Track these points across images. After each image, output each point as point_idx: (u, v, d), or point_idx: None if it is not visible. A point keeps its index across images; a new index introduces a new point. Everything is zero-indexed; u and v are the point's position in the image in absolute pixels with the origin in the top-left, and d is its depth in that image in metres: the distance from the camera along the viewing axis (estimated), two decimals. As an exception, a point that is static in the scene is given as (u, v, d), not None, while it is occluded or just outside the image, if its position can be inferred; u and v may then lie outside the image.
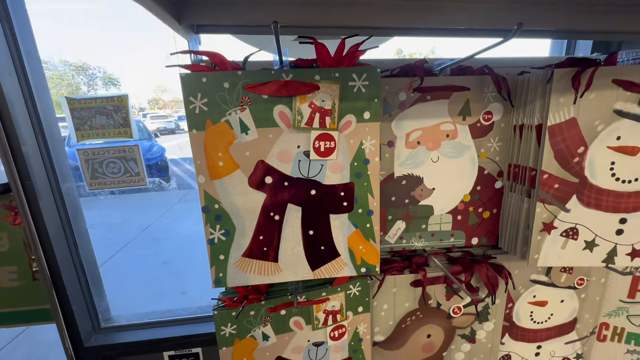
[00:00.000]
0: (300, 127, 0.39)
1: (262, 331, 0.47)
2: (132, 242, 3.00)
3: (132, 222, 3.40)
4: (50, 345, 1.72)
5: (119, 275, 2.32)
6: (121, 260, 2.62)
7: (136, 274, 2.32)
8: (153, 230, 3.22)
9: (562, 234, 0.47)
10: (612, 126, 0.43)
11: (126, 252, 2.78)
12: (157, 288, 2.11)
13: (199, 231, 3.07)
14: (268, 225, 0.42)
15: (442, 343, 0.56)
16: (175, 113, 12.57)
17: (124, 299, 1.96)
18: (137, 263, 2.55)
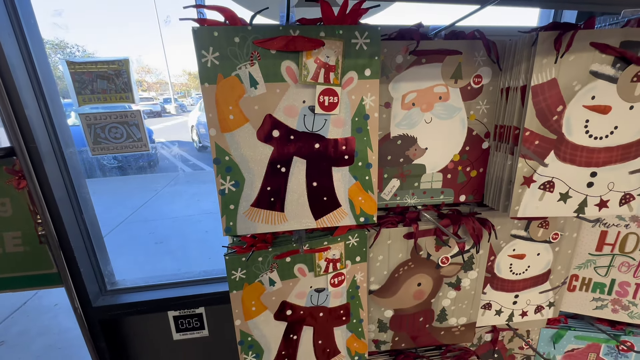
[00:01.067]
0: (306, 81, 0.41)
1: (269, 277, 0.51)
2: (123, 223, 2.99)
3: (121, 204, 3.37)
4: (57, 309, 1.78)
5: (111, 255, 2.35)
6: (112, 241, 2.62)
7: (130, 254, 2.34)
8: (144, 212, 3.20)
9: (540, 187, 0.52)
10: (588, 86, 0.47)
11: (117, 234, 2.78)
12: (153, 267, 2.14)
13: (190, 213, 3.08)
14: (275, 177, 0.46)
15: (430, 291, 0.62)
16: (160, 96, 12.18)
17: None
18: (129, 243, 2.56)
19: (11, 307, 1.89)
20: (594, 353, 0.76)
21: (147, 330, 0.86)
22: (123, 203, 3.39)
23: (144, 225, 2.90)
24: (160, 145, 5.35)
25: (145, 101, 9.40)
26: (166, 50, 10.59)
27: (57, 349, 1.52)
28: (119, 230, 2.84)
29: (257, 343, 0.54)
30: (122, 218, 3.06)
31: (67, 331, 1.64)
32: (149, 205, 3.38)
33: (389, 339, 0.65)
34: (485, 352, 0.76)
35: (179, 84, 12.58)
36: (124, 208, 3.26)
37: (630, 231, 0.65)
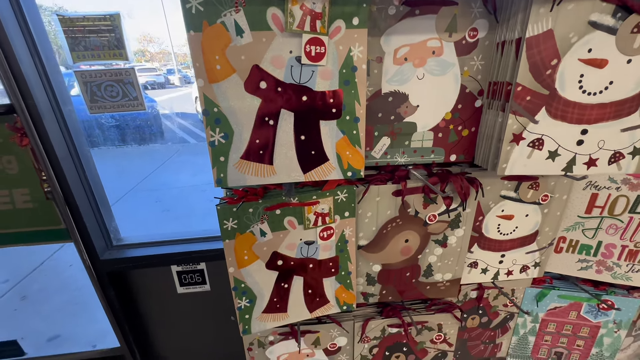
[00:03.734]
0: (292, 29, 0.41)
1: (259, 228, 0.53)
2: (131, 192, 3.07)
3: (128, 174, 3.45)
4: (72, 269, 1.91)
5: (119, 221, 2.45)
6: (120, 208, 2.71)
7: (137, 220, 2.42)
8: (150, 182, 3.27)
9: (529, 145, 0.52)
10: (585, 38, 0.46)
11: (124, 202, 2.87)
12: (159, 232, 2.23)
13: (195, 183, 3.14)
14: (263, 129, 0.47)
15: (418, 247, 0.64)
16: (164, 66, 11.91)
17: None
18: (136, 210, 2.64)
19: (30, 267, 2.01)
20: (575, 311, 0.79)
21: (152, 283, 0.92)
22: (130, 173, 3.46)
23: (151, 194, 2.98)
24: (165, 117, 5.34)
25: (148, 72, 9.23)
26: (169, 19, 10.19)
27: (74, 304, 1.63)
28: (126, 198, 2.93)
29: (250, 290, 0.58)
30: (129, 187, 3.14)
31: (83, 288, 1.76)
32: (155, 175, 3.44)
33: (377, 292, 0.68)
34: (470, 309, 0.80)
35: (182, 54, 12.25)
36: (131, 178, 3.34)
37: (620, 193, 0.66)
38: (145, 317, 0.99)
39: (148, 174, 3.44)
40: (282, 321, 0.63)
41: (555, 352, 0.86)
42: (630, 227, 0.68)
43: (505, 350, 0.89)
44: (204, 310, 0.98)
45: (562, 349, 0.85)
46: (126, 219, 2.19)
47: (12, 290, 1.82)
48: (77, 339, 1.35)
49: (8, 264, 2.07)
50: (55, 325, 1.48)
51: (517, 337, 0.86)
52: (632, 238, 0.69)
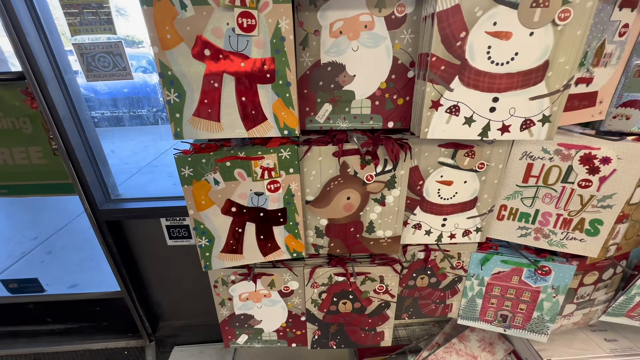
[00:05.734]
0: (225, 4, 0.49)
1: (213, 177, 0.63)
2: (147, 166, 3.28)
3: (144, 151, 3.66)
4: (91, 230, 2.15)
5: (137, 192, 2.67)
6: (135, 182, 2.92)
7: (151, 191, 2.62)
8: (164, 159, 3.48)
9: (446, 111, 0.58)
10: (489, 12, 0.51)
11: (141, 175, 3.08)
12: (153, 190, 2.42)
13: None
14: (210, 91, 0.56)
15: (359, 204, 0.72)
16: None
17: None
18: (152, 183, 2.85)
19: (57, 226, 2.27)
20: (517, 276, 0.85)
21: (145, 233, 1.06)
22: (146, 150, 3.69)
23: (165, 169, 3.18)
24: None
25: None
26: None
27: (90, 260, 1.84)
28: (142, 172, 3.15)
29: (209, 231, 0.69)
30: (145, 163, 3.37)
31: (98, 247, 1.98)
32: (169, 153, 3.64)
33: (325, 245, 0.78)
34: (419, 269, 0.88)
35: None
36: (147, 154, 3.56)
37: (553, 164, 0.70)
38: (141, 265, 1.13)
39: (164, 151, 3.65)
40: (239, 262, 0.74)
41: (501, 314, 0.93)
42: (563, 197, 0.73)
43: (456, 312, 0.97)
44: (192, 262, 1.12)
45: (507, 312, 0.92)
46: (142, 190, 2.39)
47: (41, 245, 2.07)
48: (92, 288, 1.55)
49: (39, 223, 2.34)
50: (75, 275, 1.70)
51: (466, 299, 0.93)
52: (566, 207, 0.74)
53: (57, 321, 1.28)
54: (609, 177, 0.68)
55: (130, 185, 2.85)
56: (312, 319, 0.86)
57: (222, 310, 0.85)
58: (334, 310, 0.84)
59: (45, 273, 1.79)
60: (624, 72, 0.69)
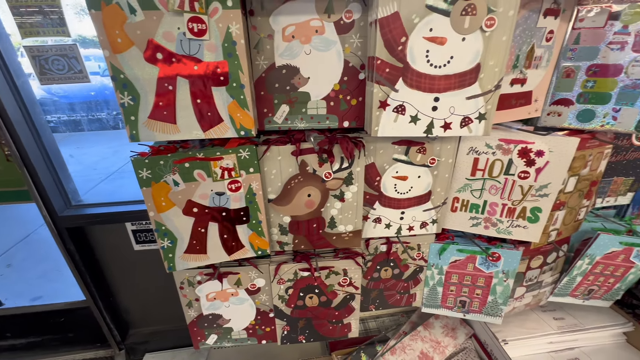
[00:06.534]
0: (174, 9, 0.51)
1: (172, 178, 0.64)
2: (116, 172, 3.17)
3: (112, 158, 3.54)
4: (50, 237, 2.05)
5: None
6: (104, 189, 2.82)
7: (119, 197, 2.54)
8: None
9: (393, 110, 0.62)
10: (425, 19, 0.55)
11: (111, 181, 2.97)
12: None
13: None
14: (164, 94, 0.57)
15: (319, 201, 0.75)
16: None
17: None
18: (119, 190, 2.75)
19: (16, 238, 2.15)
20: (472, 263, 0.91)
21: (110, 239, 1.04)
22: (116, 154, 3.56)
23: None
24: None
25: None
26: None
27: (55, 271, 1.76)
28: (112, 178, 3.03)
29: (171, 232, 0.69)
30: (115, 168, 3.25)
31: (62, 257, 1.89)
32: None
33: (290, 241, 0.80)
34: (382, 261, 0.92)
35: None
36: (117, 159, 3.43)
37: (496, 158, 0.77)
38: (107, 272, 1.11)
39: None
40: (203, 262, 0.74)
41: (460, 300, 0.99)
42: (506, 188, 0.79)
43: (419, 300, 1.02)
44: (161, 266, 1.11)
45: (465, 298, 0.98)
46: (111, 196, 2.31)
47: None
48: (57, 299, 1.48)
49: (-4, 237, 2.21)
50: (39, 287, 1.62)
51: (428, 288, 0.99)
52: (509, 197, 0.80)
53: (18, 336, 1.22)
54: (544, 168, 0.74)
55: (98, 192, 2.74)
56: (280, 315, 0.88)
57: (190, 311, 0.85)
58: (301, 305, 0.87)
59: (4, 287, 1.70)
60: (554, 73, 0.76)
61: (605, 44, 0.70)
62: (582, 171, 0.81)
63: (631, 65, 0.69)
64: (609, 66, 0.71)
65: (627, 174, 0.94)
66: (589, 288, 1.02)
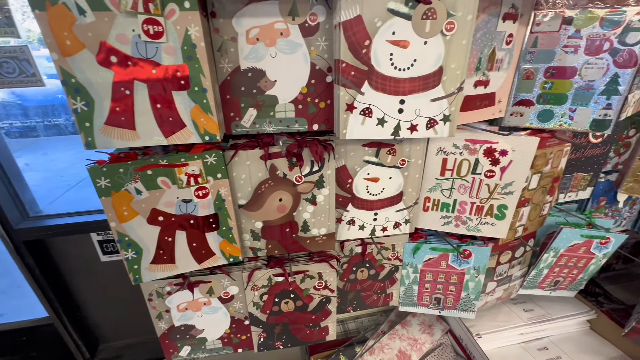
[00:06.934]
0: (126, 10, 0.48)
1: (134, 186, 0.61)
2: (86, 179, 3.02)
3: (81, 163, 3.37)
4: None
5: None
6: (76, 196, 2.68)
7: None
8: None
9: (360, 113, 0.62)
10: (388, 23, 0.56)
11: (81, 189, 2.83)
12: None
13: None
14: (121, 98, 0.54)
15: (291, 205, 0.75)
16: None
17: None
18: (91, 198, 2.62)
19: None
20: (445, 261, 0.93)
21: (74, 251, 0.98)
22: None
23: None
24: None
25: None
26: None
27: (17, 287, 1.65)
28: (84, 184, 2.89)
29: (135, 242, 0.66)
30: (86, 174, 3.09)
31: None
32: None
33: (263, 247, 0.79)
34: (358, 262, 0.93)
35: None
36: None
37: (463, 158, 0.79)
38: (72, 286, 1.05)
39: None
40: (172, 271, 0.72)
41: (435, 297, 1.01)
42: (474, 186, 0.81)
43: (396, 300, 1.03)
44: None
45: (440, 295, 1.00)
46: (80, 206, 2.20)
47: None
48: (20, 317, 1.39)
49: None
50: (-1, 305, 1.51)
51: (404, 287, 1.00)
52: (477, 195, 0.82)
53: (-26, 358, 1.14)
54: (508, 167, 0.77)
55: (66, 201, 2.60)
56: (255, 322, 0.86)
57: (160, 323, 0.82)
58: (277, 310, 0.86)
59: (-40, 306, 1.57)
60: (515, 75, 0.79)
61: (560, 47, 0.73)
62: (544, 169, 0.85)
63: (584, 67, 0.72)
64: (565, 68, 0.74)
65: (586, 170, 0.99)
66: (555, 279, 1.06)
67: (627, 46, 0.68)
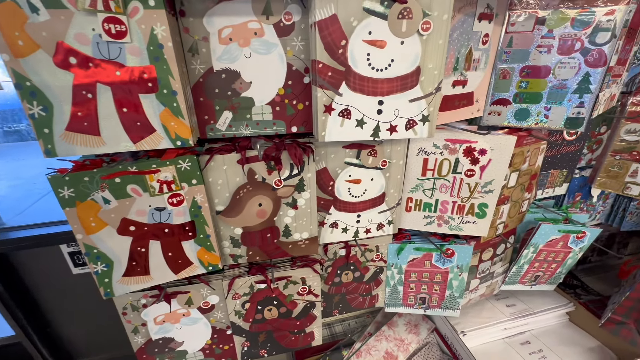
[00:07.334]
0: (84, 8, 0.45)
1: (101, 196, 0.58)
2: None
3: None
4: None
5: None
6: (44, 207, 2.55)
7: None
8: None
9: (339, 114, 0.61)
10: (364, 22, 0.55)
11: (51, 198, 2.69)
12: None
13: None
14: (83, 102, 0.51)
15: (272, 210, 0.72)
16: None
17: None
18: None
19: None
20: (428, 261, 0.93)
21: (43, 264, 0.92)
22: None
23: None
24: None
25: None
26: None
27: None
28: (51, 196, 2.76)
29: (104, 255, 0.63)
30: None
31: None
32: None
33: (244, 254, 0.76)
34: (342, 265, 0.91)
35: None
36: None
37: (444, 157, 0.79)
38: (41, 302, 0.99)
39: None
40: (147, 283, 0.68)
41: (420, 297, 1.01)
42: (455, 186, 0.82)
43: (382, 301, 1.03)
44: (106, 290, 1.01)
45: (424, 294, 1.00)
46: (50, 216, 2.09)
47: None
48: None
49: None
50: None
51: (389, 288, 1.00)
52: (459, 195, 0.83)
53: None
54: (487, 166, 0.78)
55: (37, 210, 2.48)
56: (238, 331, 0.84)
57: (137, 338, 0.78)
58: (260, 318, 0.83)
59: None
60: (492, 75, 0.80)
61: (534, 47, 0.74)
62: (522, 166, 0.86)
63: (557, 67, 0.74)
64: (540, 68, 0.76)
65: (562, 167, 1.01)
66: (535, 274, 1.09)
67: (597, 46, 0.69)
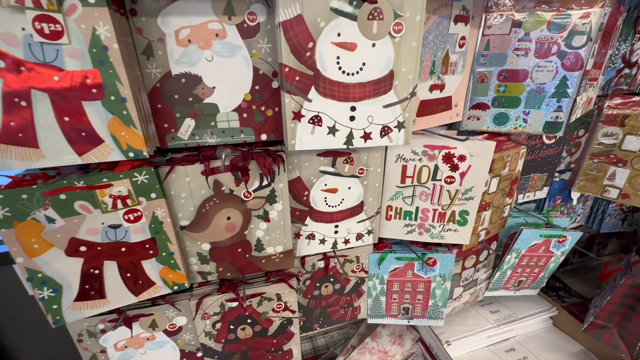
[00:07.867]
0: (10, 4, 0.40)
1: (44, 214, 0.52)
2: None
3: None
4: None
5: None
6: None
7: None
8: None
9: (309, 122, 0.57)
10: (332, 23, 0.51)
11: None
12: None
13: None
14: (16, 111, 0.45)
15: (242, 223, 0.68)
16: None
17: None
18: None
19: None
20: (411, 270, 0.90)
21: (-8, 287, 0.84)
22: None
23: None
24: None
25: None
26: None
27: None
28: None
29: (51, 279, 0.56)
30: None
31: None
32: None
33: (213, 270, 0.71)
34: (321, 277, 0.87)
35: None
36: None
37: (423, 164, 0.76)
38: (-6, 325, 0.91)
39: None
40: (103, 307, 0.62)
41: (403, 307, 0.98)
42: (435, 193, 0.79)
43: (364, 312, 0.99)
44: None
45: (408, 304, 0.97)
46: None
47: None
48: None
49: None
50: None
51: (371, 299, 0.96)
52: (439, 202, 0.80)
53: None
54: (467, 172, 0.75)
55: None
56: (209, 353, 0.78)
57: (96, 365, 0.71)
58: (233, 338, 0.78)
59: None
60: (470, 79, 0.78)
61: (511, 50, 0.72)
62: (502, 172, 0.84)
63: (535, 70, 0.72)
64: (517, 71, 0.74)
65: (542, 170, 1.01)
66: (518, 279, 1.07)
67: (573, 49, 0.68)
